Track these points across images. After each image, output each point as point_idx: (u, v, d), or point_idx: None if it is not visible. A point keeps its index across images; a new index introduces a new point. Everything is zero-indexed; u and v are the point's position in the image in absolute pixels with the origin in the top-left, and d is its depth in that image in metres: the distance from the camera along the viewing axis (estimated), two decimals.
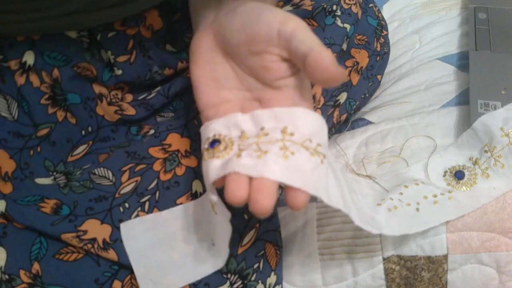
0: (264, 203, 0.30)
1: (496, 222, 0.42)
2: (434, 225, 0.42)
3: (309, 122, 0.34)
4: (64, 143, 0.43)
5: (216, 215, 0.36)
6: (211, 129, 0.36)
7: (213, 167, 0.33)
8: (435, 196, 0.44)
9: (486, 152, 0.45)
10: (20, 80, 0.41)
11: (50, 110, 0.42)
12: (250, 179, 0.32)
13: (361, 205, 0.41)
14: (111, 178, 0.43)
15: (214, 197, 0.35)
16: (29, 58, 0.41)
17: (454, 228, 0.43)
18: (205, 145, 0.36)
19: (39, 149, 0.41)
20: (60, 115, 0.43)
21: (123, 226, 0.40)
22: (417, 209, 0.43)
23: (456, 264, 0.43)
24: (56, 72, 0.42)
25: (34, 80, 0.41)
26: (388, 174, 0.48)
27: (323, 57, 0.32)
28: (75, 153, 0.44)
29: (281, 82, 0.35)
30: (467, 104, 0.52)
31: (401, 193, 0.44)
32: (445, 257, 0.43)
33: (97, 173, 0.43)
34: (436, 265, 0.43)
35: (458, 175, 0.45)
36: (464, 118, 0.51)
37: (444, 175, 0.46)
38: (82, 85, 0.44)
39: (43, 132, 0.42)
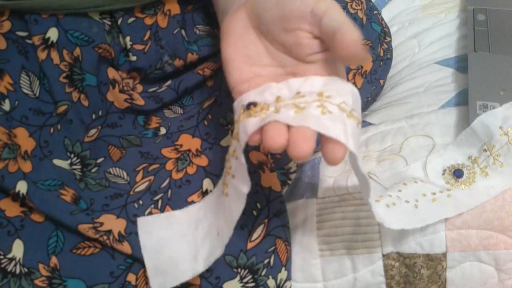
0: (304, 146, 0.30)
1: (495, 220, 0.42)
2: (432, 222, 0.42)
3: (344, 89, 0.34)
4: (79, 123, 0.44)
5: (233, 180, 0.36)
6: (245, 99, 0.36)
7: (251, 122, 0.33)
8: (433, 193, 0.44)
9: (485, 151, 0.46)
10: (42, 55, 0.42)
11: (67, 89, 0.43)
12: (289, 128, 0.31)
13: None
14: (125, 177, 0.44)
15: (234, 162, 0.35)
16: (52, 34, 0.42)
17: (453, 226, 0.43)
18: (240, 110, 0.35)
19: (59, 126, 0.43)
20: (75, 96, 0.44)
21: (140, 221, 0.41)
22: (416, 206, 0.43)
23: (455, 262, 0.43)
24: (77, 51, 0.43)
25: (55, 57, 0.42)
26: (387, 171, 0.48)
27: (351, 34, 0.32)
28: (89, 134, 0.45)
29: (314, 57, 0.36)
30: (466, 105, 0.52)
31: (399, 190, 0.44)
32: (444, 255, 0.43)
33: (112, 172, 0.44)
34: (435, 263, 0.43)
35: (457, 173, 0.46)
36: (463, 118, 0.51)
37: (443, 174, 0.46)
38: (99, 67, 0.45)
39: (61, 109, 0.43)
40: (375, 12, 0.62)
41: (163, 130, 0.48)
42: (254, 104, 0.34)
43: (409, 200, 0.44)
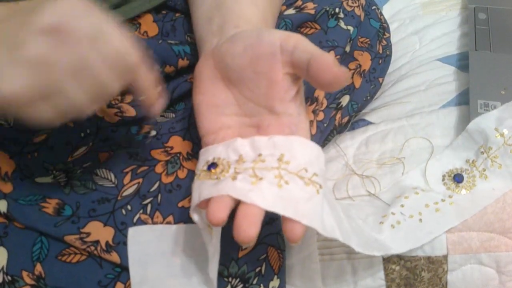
0: (248, 231, 0.30)
1: (496, 222, 0.42)
2: (438, 234, 0.42)
3: (306, 151, 0.35)
4: (63, 146, 0.43)
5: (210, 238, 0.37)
6: (211, 153, 0.37)
7: (207, 186, 0.34)
8: (436, 203, 0.44)
9: (482, 153, 0.45)
10: None
11: None
12: (238, 204, 0.32)
13: (361, 230, 0.41)
14: (113, 179, 0.43)
15: (196, 217, 0.36)
16: None
17: (454, 229, 0.43)
18: (203, 166, 0.36)
19: (36, 154, 0.42)
20: None
21: (131, 231, 0.40)
22: (420, 220, 0.43)
23: (456, 264, 0.43)
24: None
25: None
26: (387, 174, 0.48)
27: (324, 59, 0.32)
28: (75, 154, 0.44)
29: (281, 106, 0.36)
30: (467, 104, 0.52)
31: (402, 205, 0.44)
32: (445, 257, 0.43)
33: (99, 174, 0.43)
34: (436, 266, 0.43)
35: (457, 178, 0.45)
36: (464, 118, 0.51)
37: (443, 180, 0.46)
38: None
39: (40, 138, 0.42)
40: (373, 7, 0.60)
41: (153, 133, 0.48)
42: (214, 166, 0.35)
43: (413, 214, 0.43)
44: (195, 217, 0.36)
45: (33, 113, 0.29)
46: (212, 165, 0.36)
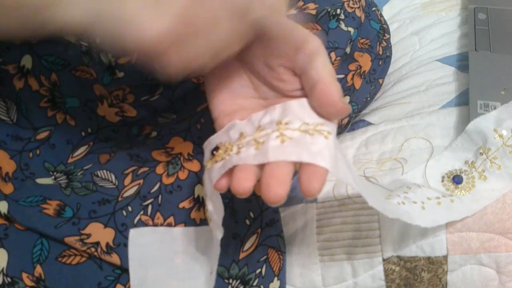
0: (276, 189, 0.29)
1: (496, 222, 0.42)
2: (442, 223, 0.41)
3: (304, 108, 0.33)
4: (64, 145, 0.43)
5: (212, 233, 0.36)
6: (213, 142, 0.36)
7: (215, 169, 0.33)
8: (438, 198, 0.44)
9: (482, 154, 0.45)
10: (19, 84, 0.41)
11: (50, 113, 0.42)
12: (261, 168, 0.31)
13: (372, 190, 0.40)
14: (113, 181, 0.43)
15: (210, 206, 0.35)
16: (27, 62, 0.41)
17: (453, 229, 0.43)
18: (209, 155, 0.36)
19: (38, 152, 0.42)
20: (60, 117, 0.43)
21: (132, 232, 0.40)
22: (423, 208, 0.42)
23: (456, 264, 0.43)
24: (54, 76, 0.42)
25: (33, 83, 0.41)
26: (387, 174, 0.48)
27: (330, 90, 0.32)
28: (75, 154, 0.44)
29: (295, 93, 0.35)
30: (467, 104, 0.52)
31: (406, 192, 0.44)
32: (445, 257, 0.43)
33: (99, 175, 0.43)
34: (436, 266, 0.43)
35: (456, 179, 0.45)
36: (464, 118, 0.51)
37: (442, 181, 0.46)
38: (81, 87, 0.44)
39: (42, 135, 0.42)
40: (374, 8, 0.61)
41: (154, 134, 0.47)
42: (216, 149, 0.35)
43: (416, 201, 0.43)
44: (209, 206, 0.35)
45: (164, 61, 0.31)
46: (215, 149, 0.35)
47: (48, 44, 0.42)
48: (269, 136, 0.32)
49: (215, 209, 0.35)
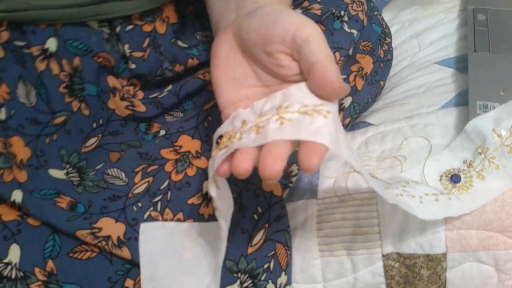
0: (273, 165, 0.29)
1: (495, 220, 0.42)
2: (439, 217, 0.42)
3: (303, 91, 0.34)
4: (78, 133, 0.44)
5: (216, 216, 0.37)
6: (220, 132, 0.37)
7: (219, 156, 0.34)
8: (435, 194, 0.44)
9: (480, 154, 0.46)
10: (41, 66, 0.42)
11: (67, 99, 0.43)
12: (259, 150, 0.31)
13: (372, 177, 0.41)
14: (124, 178, 0.44)
15: (213, 191, 0.35)
16: (51, 44, 0.42)
17: (452, 227, 0.43)
18: (214, 147, 0.36)
19: (55, 137, 0.42)
20: (75, 105, 0.44)
21: (143, 226, 0.41)
22: (421, 202, 0.43)
23: (455, 262, 0.43)
24: (77, 61, 0.43)
25: (54, 67, 0.42)
26: (387, 172, 0.48)
27: (327, 71, 0.32)
28: (87, 144, 0.45)
29: (295, 78, 0.36)
30: (466, 105, 0.52)
31: (404, 186, 0.44)
32: (444, 255, 0.43)
33: (110, 173, 0.44)
34: (435, 263, 0.43)
35: (454, 178, 0.45)
36: (463, 119, 0.51)
37: (440, 180, 0.46)
38: (99, 76, 0.45)
39: (59, 120, 0.43)
40: (376, 13, 0.62)
41: (162, 132, 0.48)
42: (220, 137, 0.35)
43: (414, 195, 0.43)
44: (212, 191, 0.35)
45: None
46: (219, 138, 0.36)
47: (72, 29, 0.43)
48: (269, 120, 0.32)
49: (220, 197, 0.35)
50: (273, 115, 0.33)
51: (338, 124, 0.33)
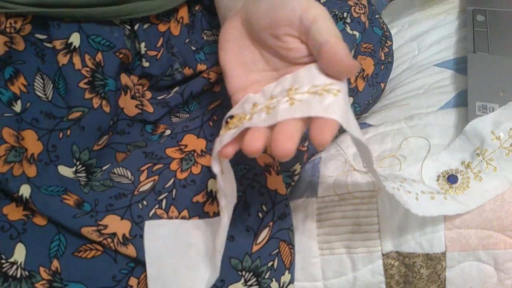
0: (285, 144, 0.29)
1: (494, 220, 0.42)
2: (434, 215, 0.42)
3: (312, 72, 0.34)
4: (94, 131, 0.44)
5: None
6: (229, 115, 0.37)
7: (227, 135, 0.33)
8: (431, 193, 0.44)
9: (478, 155, 0.46)
10: (63, 60, 0.42)
11: (87, 95, 0.43)
12: (272, 130, 0.31)
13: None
14: (130, 177, 0.44)
15: (216, 168, 0.35)
16: (75, 39, 0.43)
17: (452, 226, 0.43)
18: (222, 126, 0.36)
19: (68, 132, 0.43)
20: (96, 102, 0.44)
21: (148, 224, 0.41)
22: (417, 199, 0.43)
23: (455, 261, 0.43)
24: (99, 56, 0.44)
25: (77, 62, 0.43)
26: (386, 170, 0.48)
27: (337, 49, 0.32)
28: (100, 142, 0.45)
29: (303, 59, 0.36)
30: (465, 106, 0.52)
31: (401, 182, 0.44)
32: (444, 254, 0.43)
33: (116, 172, 0.44)
34: (434, 262, 0.43)
35: (451, 179, 0.45)
36: (462, 119, 0.51)
37: (437, 180, 0.46)
38: (117, 73, 0.46)
39: (75, 115, 0.43)
40: (377, 16, 0.62)
41: (168, 132, 0.49)
42: (231, 117, 0.35)
43: (411, 191, 0.43)
44: (215, 168, 0.35)
45: None
46: (228, 118, 0.36)
47: (95, 25, 0.44)
48: (279, 102, 0.33)
49: (224, 179, 0.35)
50: (283, 97, 0.33)
51: (347, 104, 0.33)
